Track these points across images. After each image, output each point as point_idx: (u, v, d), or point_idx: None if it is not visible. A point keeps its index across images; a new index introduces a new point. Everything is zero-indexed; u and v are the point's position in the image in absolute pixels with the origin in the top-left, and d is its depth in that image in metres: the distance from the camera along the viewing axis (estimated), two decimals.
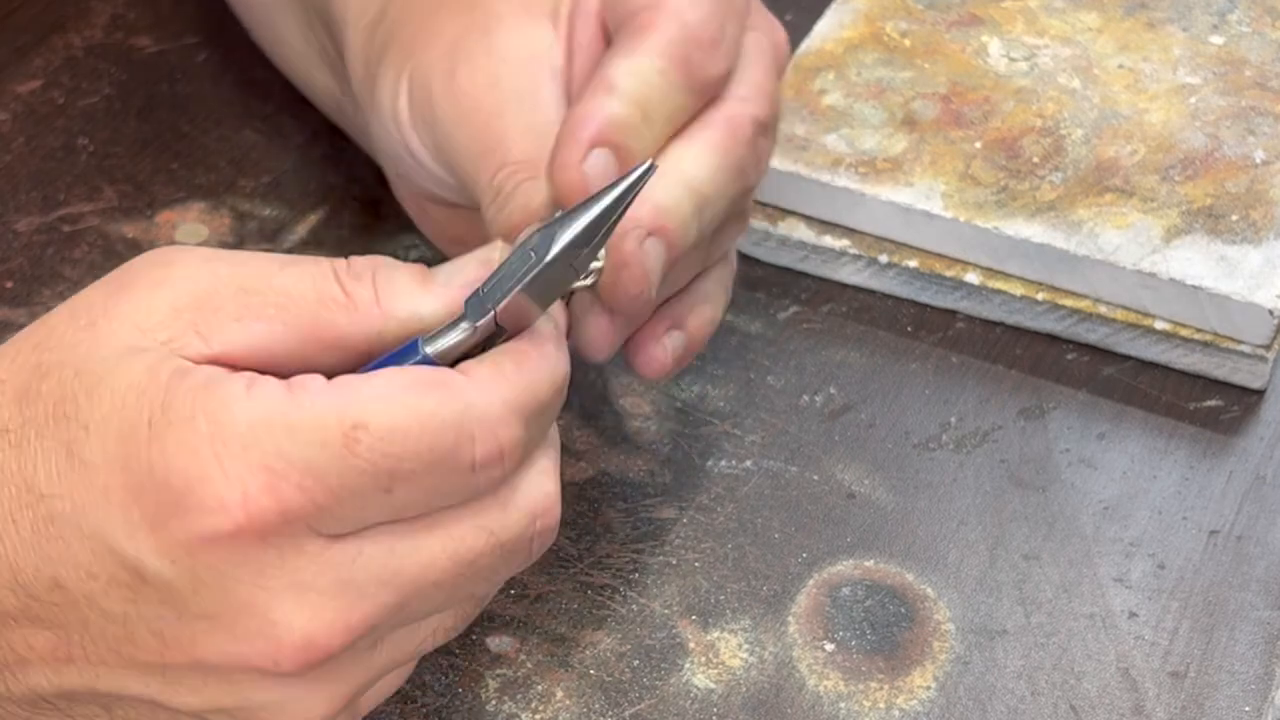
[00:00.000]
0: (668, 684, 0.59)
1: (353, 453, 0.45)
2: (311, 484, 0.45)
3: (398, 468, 0.46)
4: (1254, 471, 0.66)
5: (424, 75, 0.59)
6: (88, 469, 0.46)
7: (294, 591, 0.46)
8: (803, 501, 0.65)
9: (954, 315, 0.71)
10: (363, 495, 0.46)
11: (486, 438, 0.47)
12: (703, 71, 0.56)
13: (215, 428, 0.45)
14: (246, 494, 0.45)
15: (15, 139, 0.76)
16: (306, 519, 0.45)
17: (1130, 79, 0.75)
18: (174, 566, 0.45)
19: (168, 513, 0.45)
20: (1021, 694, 0.59)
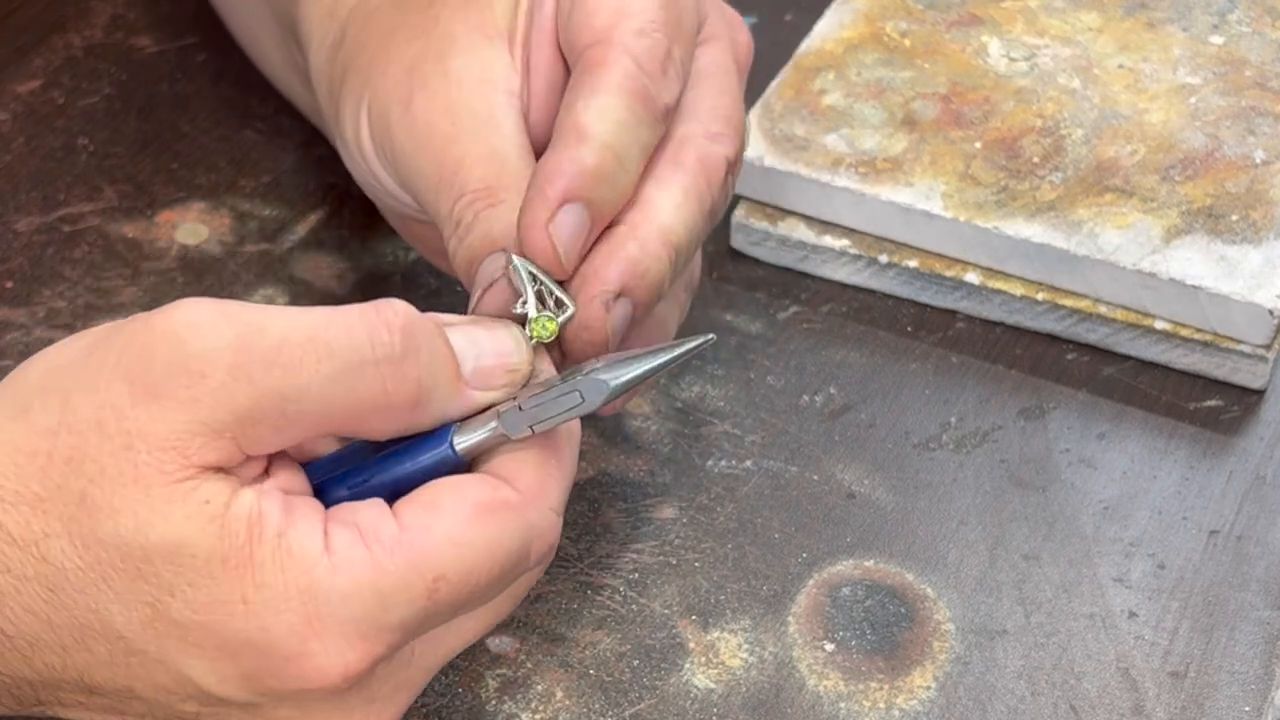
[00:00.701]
0: (668, 684, 0.59)
1: (434, 601, 0.49)
2: (400, 638, 0.49)
3: (470, 599, 0.49)
4: (1254, 471, 0.66)
5: (382, 104, 0.58)
6: (178, 626, 0.48)
7: (363, 707, 0.50)
8: (803, 501, 0.65)
9: (954, 315, 0.71)
10: (435, 624, 0.50)
11: (541, 547, 0.51)
12: (659, 101, 0.55)
13: (311, 608, 0.47)
14: (346, 664, 0.48)
15: (15, 139, 0.76)
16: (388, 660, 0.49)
17: (1130, 79, 0.75)
18: (262, 698, 0.48)
19: (266, 674, 0.48)
20: (1021, 694, 0.59)
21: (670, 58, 0.55)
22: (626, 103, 0.54)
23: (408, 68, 0.58)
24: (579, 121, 0.54)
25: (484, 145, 0.56)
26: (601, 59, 0.54)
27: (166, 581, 0.47)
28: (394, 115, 0.58)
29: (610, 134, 0.54)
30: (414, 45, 0.58)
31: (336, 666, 0.48)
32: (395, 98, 0.58)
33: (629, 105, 0.54)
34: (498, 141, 0.56)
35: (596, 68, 0.54)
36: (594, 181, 0.53)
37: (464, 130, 0.56)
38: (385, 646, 0.48)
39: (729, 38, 0.59)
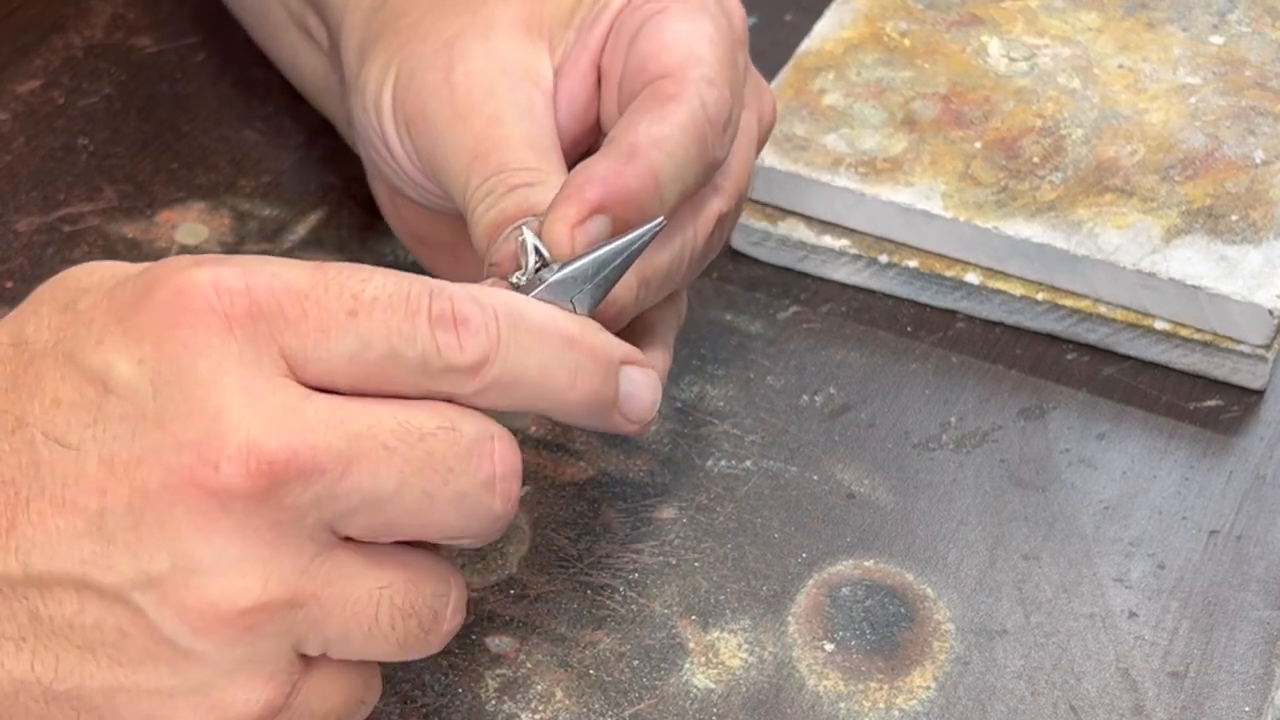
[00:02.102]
0: (668, 684, 0.59)
1: (323, 272, 0.47)
2: (282, 286, 0.46)
3: (362, 290, 0.47)
4: (1254, 471, 0.66)
5: (414, 67, 0.59)
6: (77, 312, 0.47)
7: (246, 396, 0.46)
8: (803, 501, 0.65)
9: (954, 315, 0.71)
10: (328, 312, 0.46)
11: (442, 297, 0.47)
12: (712, 154, 0.56)
13: (201, 256, 0.47)
14: (218, 275, 0.46)
15: (15, 139, 0.76)
16: (271, 321, 0.46)
17: (1130, 79, 0.75)
18: (140, 366, 0.46)
19: (139, 305, 0.46)
20: (1021, 694, 0.59)
21: (731, 118, 0.56)
22: (686, 141, 0.54)
23: (448, 40, 0.59)
24: (636, 140, 0.54)
25: (525, 133, 0.57)
26: (675, 94, 0.55)
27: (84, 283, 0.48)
28: (430, 81, 0.58)
29: (660, 164, 0.54)
30: (458, 20, 0.59)
31: (206, 275, 0.46)
32: (434, 65, 0.58)
33: (687, 145, 0.54)
34: (536, 134, 0.57)
35: (668, 100, 0.55)
36: (629, 202, 0.53)
37: (507, 113, 0.57)
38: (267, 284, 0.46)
39: (757, 106, 0.60)
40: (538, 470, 0.65)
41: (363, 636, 0.48)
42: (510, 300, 0.49)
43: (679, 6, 0.57)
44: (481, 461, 0.48)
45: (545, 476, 0.65)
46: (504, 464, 0.48)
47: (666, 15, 0.57)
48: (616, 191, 0.53)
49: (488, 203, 0.55)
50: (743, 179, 0.59)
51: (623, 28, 0.58)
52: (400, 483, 0.47)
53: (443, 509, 0.48)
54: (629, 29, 0.58)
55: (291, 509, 0.46)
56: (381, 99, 0.60)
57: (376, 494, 0.47)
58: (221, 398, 0.46)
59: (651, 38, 0.57)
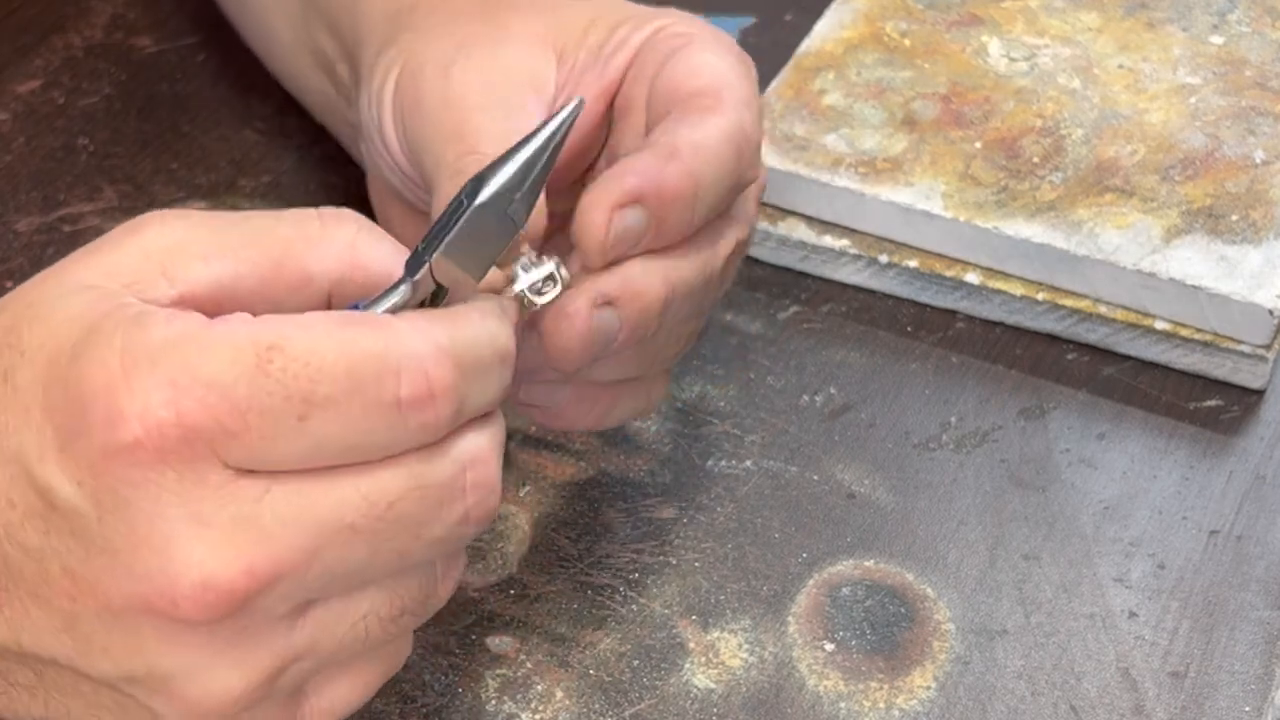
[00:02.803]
0: (668, 684, 0.59)
1: (265, 372, 0.43)
2: (216, 401, 0.43)
3: (313, 391, 0.44)
4: (1254, 471, 0.66)
5: (421, 62, 0.59)
6: (17, 392, 0.45)
7: (193, 524, 0.44)
8: (803, 501, 0.65)
9: (954, 315, 0.71)
10: (274, 420, 0.44)
11: (414, 373, 0.45)
12: (744, 173, 0.56)
13: (128, 345, 0.44)
14: (146, 406, 0.43)
15: (15, 139, 0.76)
16: (210, 441, 0.44)
17: (1130, 79, 0.75)
18: (79, 490, 0.44)
19: (75, 429, 0.44)
20: (1021, 694, 0.59)
21: (759, 147, 0.56)
22: (724, 153, 0.54)
23: (459, 41, 0.59)
24: (677, 142, 0.54)
25: (509, 129, 0.55)
26: (714, 107, 0.55)
27: (23, 343, 0.46)
28: (430, 73, 0.58)
29: (699, 169, 0.54)
30: (473, 26, 0.59)
31: (135, 406, 0.43)
32: (439, 61, 0.58)
33: (724, 156, 0.54)
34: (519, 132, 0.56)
35: (707, 111, 0.55)
36: (666, 198, 0.53)
37: (496, 108, 0.57)
38: (199, 406, 0.43)
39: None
40: (538, 470, 0.65)
41: (358, 653, 0.48)
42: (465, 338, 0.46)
43: (706, 40, 0.58)
44: (454, 504, 0.47)
45: (545, 476, 0.65)
46: (477, 492, 0.47)
47: (695, 46, 0.58)
48: (656, 185, 0.53)
49: (455, 179, 0.54)
50: (754, 213, 0.59)
51: (645, 62, 0.58)
52: (371, 553, 0.46)
53: (417, 558, 0.47)
54: (652, 62, 0.58)
55: (258, 612, 0.45)
56: (385, 90, 0.60)
57: (346, 571, 0.46)
58: (167, 529, 0.44)
59: (682, 65, 0.57)
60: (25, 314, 0.47)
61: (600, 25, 0.59)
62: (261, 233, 0.48)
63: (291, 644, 0.47)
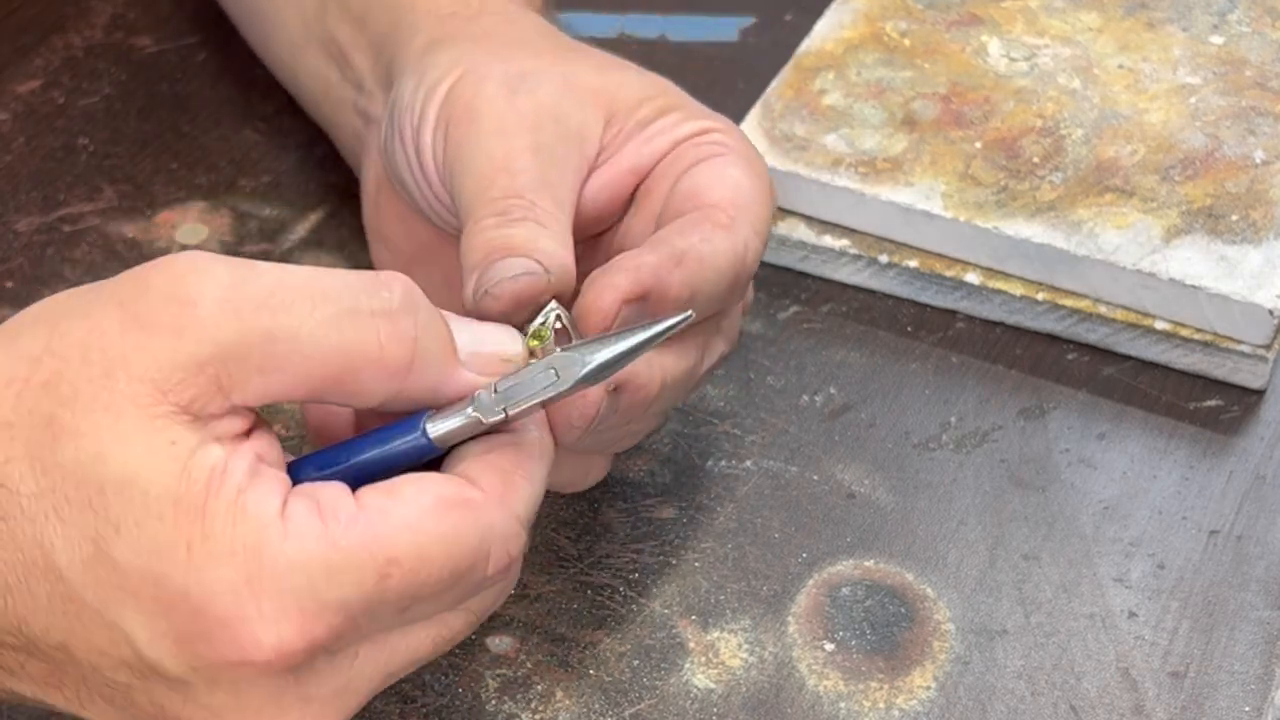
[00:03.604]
0: (668, 684, 0.59)
1: (383, 586, 0.47)
2: (341, 621, 0.47)
3: (420, 593, 0.48)
4: (1254, 471, 0.66)
5: (484, 75, 0.59)
6: (117, 570, 0.46)
7: (300, 705, 0.48)
8: (803, 501, 0.65)
9: (954, 315, 0.71)
10: (382, 619, 0.48)
11: (500, 554, 0.49)
12: (735, 297, 0.58)
13: (254, 567, 0.46)
14: (281, 638, 0.46)
15: (15, 139, 0.76)
16: (328, 647, 0.47)
17: (1130, 79, 0.75)
18: (193, 674, 0.47)
19: (199, 638, 0.46)
20: (1021, 694, 0.59)
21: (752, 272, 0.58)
22: (725, 272, 0.57)
23: (523, 72, 0.60)
24: (686, 250, 0.56)
25: (553, 180, 0.57)
26: (728, 225, 0.57)
27: (114, 516, 0.46)
28: (492, 91, 0.59)
29: (700, 281, 0.56)
30: (541, 60, 0.60)
31: (270, 637, 0.46)
32: (503, 81, 0.59)
33: (723, 275, 0.56)
34: (561, 188, 0.58)
35: (720, 228, 0.57)
36: (666, 302, 0.55)
37: (546, 154, 0.58)
38: (325, 628, 0.46)
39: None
40: None
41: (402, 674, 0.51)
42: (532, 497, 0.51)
43: (738, 158, 0.59)
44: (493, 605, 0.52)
45: None
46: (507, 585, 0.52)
47: (727, 161, 0.59)
48: (662, 286, 0.55)
49: (497, 220, 0.56)
50: (737, 330, 0.61)
51: (680, 157, 0.60)
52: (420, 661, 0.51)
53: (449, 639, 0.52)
54: (685, 160, 0.59)
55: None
56: (437, 87, 0.60)
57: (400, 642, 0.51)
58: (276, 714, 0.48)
59: (711, 173, 0.59)
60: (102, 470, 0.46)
61: (654, 103, 0.60)
62: (320, 351, 0.48)
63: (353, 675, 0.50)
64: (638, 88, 0.61)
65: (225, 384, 0.47)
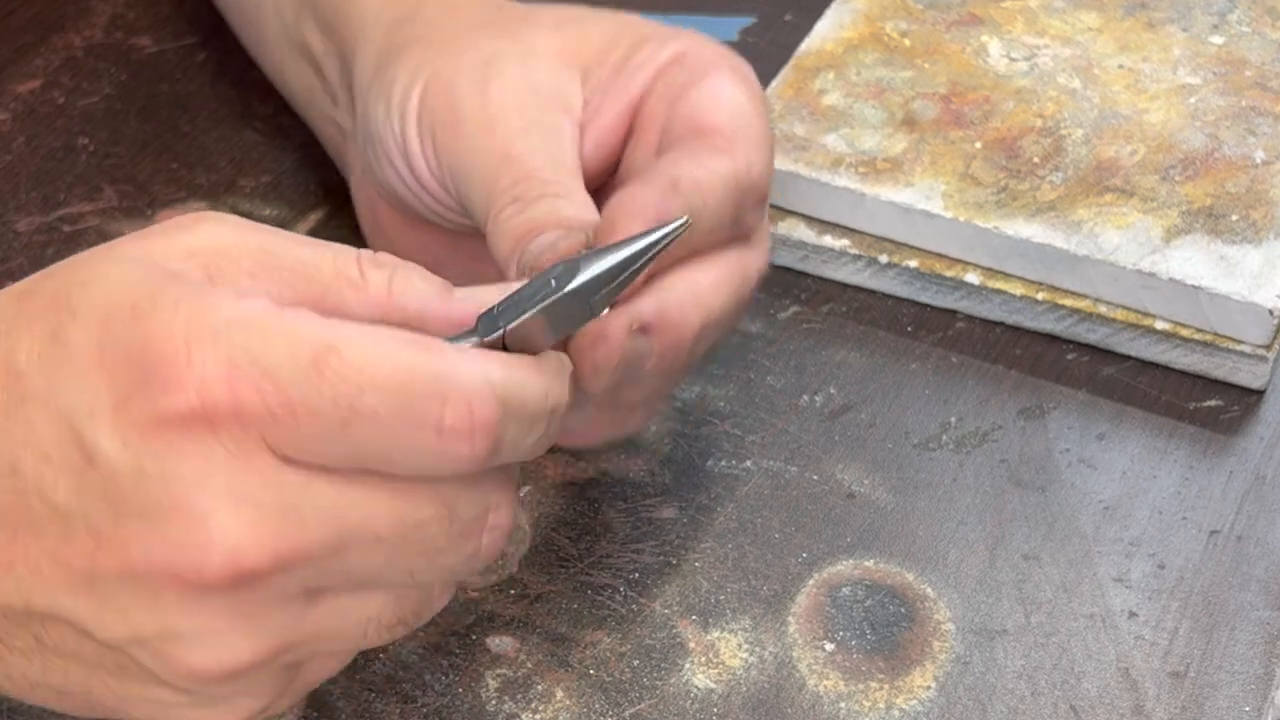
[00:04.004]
0: (668, 684, 0.59)
1: (319, 372, 0.45)
2: (270, 390, 0.45)
3: (360, 401, 0.45)
4: (1254, 471, 0.66)
5: (450, 77, 0.59)
6: (68, 350, 0.46)
7: (233, 499, 0.45)
8: (803, 501, 0.65)
9: (954, 315, 0.71)
10: (320, 421, 0.45)
11: (459, 404, 0.45)
12: (746, 218, 0.57)
13: (195, 317, 0.45)
14: (204, 380, 0.45)
15: (15, 139, 0.76)
16: (260, 425, 0.45)
17: (1130, 79, 0.75)
18: (124, 451, 0.45)
19: (130, 389, 0.45)
20: (1021, 694, 0.59)
21: (769, 187, 0.58)
22: (724, 195, 0.56)
23: (486, 58, 0.59)
24: (679, 176, 0.55)
25: (552, 152, 0.57)
26: (725, 149, 0.56)
27: (74, 305, 0.46)
28: (465, 89, 0.59)
29: (697, 204, 0.55)
30: (497, 43, 0.60)
31: (194, 375, 0.44)
32: (471, 76, 0.59)
33: (723, 199, 0.56)
34: (562, 155, 0.58)
35: (716, 152, 0.56)
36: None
37: (537, 129, 0.58)
38: (251, 389, 0.44)
39: None
40: (538, 470, 0.65)
41: (354, 651, 0.50)
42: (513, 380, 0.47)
43: (729, 72, 0.59)
44: (471, 538, 0.48)
45: (545, 476, 0.65)
46: (493, 533, 0.49)
47: (719, 78, 0.59)
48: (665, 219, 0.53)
49: (516, 207, 0.56)
50: (767, 247, 0.60)
51: (670, 81, 0.59)
52: (387, 564, 0.47)
53: (424, 580, 0.49)
54: (677, 83, 0.59)
55: (276, 589, 0.46)
56: (408, 103, 0.60)
57: (362, 574, 0.47)
58: (206, 502, 0.45)
59: (705, 95, 0.58)
60: (73, 279, 0.47)
61: (623, 43, 0.60)
62: (308, 265, 0.48)
63: (299, 627, 0.48)
64: (601, 34, 0.61)
65: (213, 273, 0.47)
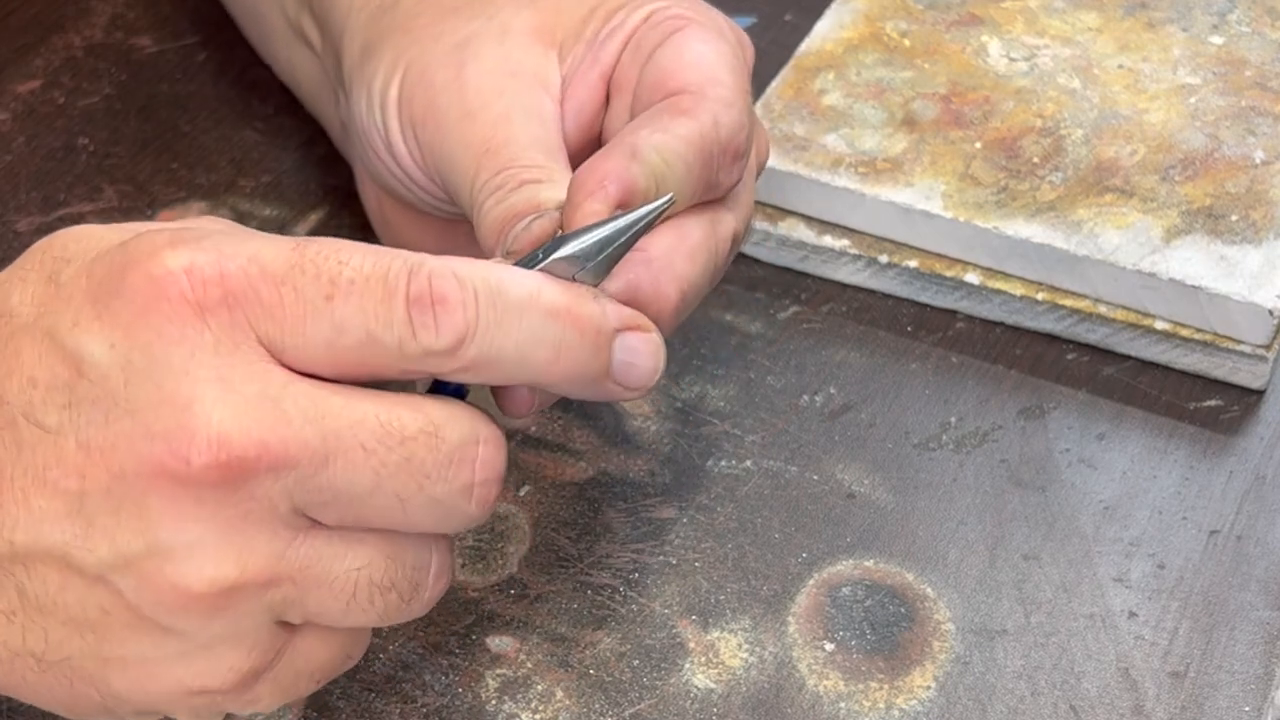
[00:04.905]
0: (668, 684, 0.59)
1: (300, 254, 0.46)
2: (257, 272, 0.46)
3: (340, 273, 0.46)
4: (1254, 471, 0.66)
5: (425, 65, 0.59)
6: (59, 286, 0.47)
7: (219, 387, 0.45)
8: (803, 501, 0.65)
9: (954, 315, 0.71)
10: (305, 298, 0.46)
11: (420, 275, 0.46)
12: (717, 178, 0.56)
13: (179, 232, 0.46)
14: (193, 262, 0.45)
15: (15, 139, 0.76)
16: (248, 309, 0.46)
17: (1130, 79, 0.75)
18: (111, 352, 0.46)
19: (113, 290, 0.46)
20: (1021, 694, 0.59)
21: (745, 145, 0.56)
22: (689, 156, 0.55)
23: (461, 42, 0.59)
24: (638, 143, 0.54)
25: (533, 134, 0.57)
26: (689, 109, 0.55)
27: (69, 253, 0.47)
28: (441, 79, 0.59)
29: (659, 168, 0.54)
30: (472, 24, 0.60)
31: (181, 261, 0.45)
32: (446, 63, 0.59)
33: (689, 159, 0.55)
34: (544, 136, 0.57)
35: (679, 114, 0.55)
36: (638, 197, 0.53)
37: (517, 114, 0.57)
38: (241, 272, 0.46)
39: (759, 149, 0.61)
40: (538, 470, 0.65)
41: (341, 611, 0.48)
42: (491, 274, 0.48)
43: (698, 28, 0.58)
44: (461, 468, 0.48)
45: (545, 476, 0.65)
46: (485, 470, 0.48)
47: (686, 35, 0.58)
48: (628, 186, 0.53)
49: (497, 197, 0.56)
50: (749, 205, 0.59)
51: (640, 43, 0.59)
52: (375, 484, 0.47)
53: (415, 511, 0.48)
54: (647, 44, 0.58)
55: (263, 498, 0.46)
56: (388, 95, 0.60)
57: (350, 492, 0.47)
58: (193, 389, 0.45)
59: (671, 54, 0.57)
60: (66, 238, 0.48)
61: (598, 13, 0.60)
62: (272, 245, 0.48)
63: (288, 556, 0.47)
64: (575, 5, 0.60)
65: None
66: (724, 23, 0.59)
